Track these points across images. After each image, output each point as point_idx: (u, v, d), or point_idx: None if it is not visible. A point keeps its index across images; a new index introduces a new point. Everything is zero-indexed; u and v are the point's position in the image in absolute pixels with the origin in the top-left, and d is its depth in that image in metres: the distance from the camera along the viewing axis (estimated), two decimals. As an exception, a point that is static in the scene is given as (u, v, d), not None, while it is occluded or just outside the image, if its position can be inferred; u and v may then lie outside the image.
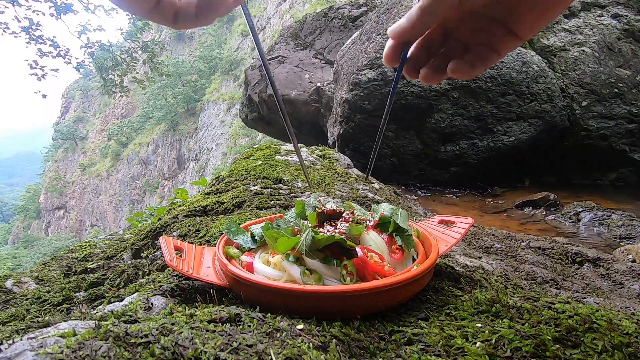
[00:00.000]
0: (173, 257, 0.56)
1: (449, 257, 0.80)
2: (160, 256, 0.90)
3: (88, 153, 47.02)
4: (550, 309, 0.47)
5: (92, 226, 40.22)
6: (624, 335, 0.41)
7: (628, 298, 0.84)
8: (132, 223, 2.06)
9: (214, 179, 1.75)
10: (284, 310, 0.46)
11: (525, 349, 0.39)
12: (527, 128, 2.75)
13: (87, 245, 1.43)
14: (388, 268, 0.52)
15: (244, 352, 0.35)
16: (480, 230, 1.29)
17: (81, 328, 0.38)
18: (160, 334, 0.36)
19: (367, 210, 0.69)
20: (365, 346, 0.42)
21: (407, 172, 3.04)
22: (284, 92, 5.13)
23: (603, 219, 1.81)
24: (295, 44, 5.80)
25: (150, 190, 35.79)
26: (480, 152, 2.81)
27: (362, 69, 3.09)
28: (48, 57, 9.11)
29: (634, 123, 2.62)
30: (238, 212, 1.08)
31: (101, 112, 48.26)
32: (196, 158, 32.01)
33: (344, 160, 2.18)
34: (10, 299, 0.79)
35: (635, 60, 2.75)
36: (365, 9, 5.30)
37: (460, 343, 0.41)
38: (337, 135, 3.39)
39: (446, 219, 0.72)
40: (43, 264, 1.19)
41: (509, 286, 0.62)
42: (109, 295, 0.69)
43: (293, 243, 0.52)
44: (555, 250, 1.12)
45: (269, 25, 27.57)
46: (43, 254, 25.83)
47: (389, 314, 0.48)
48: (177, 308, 0.45)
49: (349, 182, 1.64)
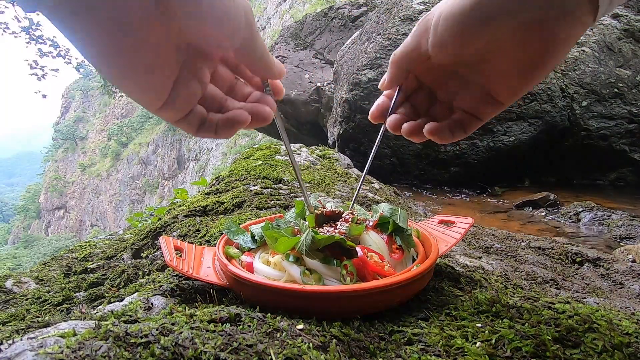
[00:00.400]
0: (173, 257, 0.56)
1: (449, 257, 0.80)
2: (160, 256, 0.90)
3: (88, 153, 47.05)
4: (550, 309, 0.47)
5: (92, 226, 40.23)
6: (624, 335, 0.41)
7: (628, 298, 0.84)
8: (132, 223, 2.06)
9: (214, 179, 1.75)
10: (284, 310, 0.46)
11: (525, 349, 0.39)
12: (527, 128, 2.74)
13: (87, 245, 1.43)
14: (388, 268, 0.52)
15: (244, 352, 0.35)
16: (480, 230, 1.29)
17: (81, 328, 0.38)
18: (160, 334, 0.36)
19: (367, 210, 0.69)
20: (365, 346, 0.42)
21: (407, 172, 3.04)
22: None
23: (603, 219, 1.81)
24: (295, 44, 5.80)
25: (150, 190, 35.80)
26: (480, 152, 2.81)
27: (362, 69, 3.09)
28: (48, 57, 9.11)
29: (634, 123, 2.61)
30: (238, 212, 1.08)
31: (101, 112, 48.29)
32: (196, 158, 32.01)
33: (343, 160, 2.18)
34: (10, 299, 0.79)
35: (635, 60, 2.75)
36: (365, 9, 5.30)
37: (460, 343, 0.41)
38: (337, 135, 3.39)
39: (446, 219, 0.72)
40: (43, 264, 1.19)
41: (509, 286, 0.62)
42: (109, 295, 0.69)
43: (293, 243, 0.52)
44: (555, 250, 1.12)
45: (269, 25, 27.56)
46: (43, 254, 25.84)
47: (389, 314, 0.48)
48: (177, 308, 0.45)
49: (349, 182, 1.64)
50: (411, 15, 3.04)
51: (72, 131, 49.45)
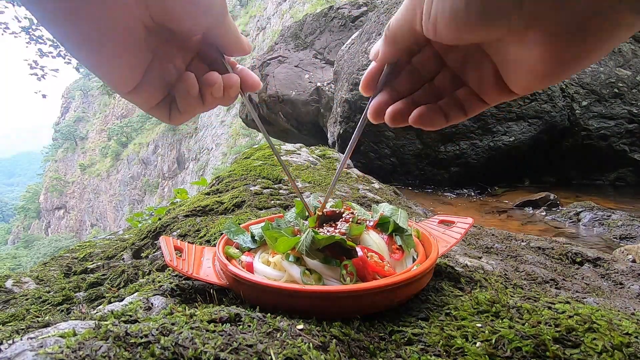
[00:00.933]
0: (173, 257, 0.56)
1: (449, 257, 0.80)
2: (160, 256, 0.90)
3: (88, 153, 47.06)
4: (550, 309, 0.47)
5: (92, 226, 40.24)
6: (624, 335, 0.41)
7: (628, 298, 0.84)
8: (132, 223, 2.06)
9: (214, 179, 1.75)
10: (284, 310, 0.46)
11: (525, 349, 0.39)
12: (527, 128, 2.75)
13: (87, 245, 1.43)
14: (388, 268, 0.52)
15: (244, 352, 0.35)
16: (480, 230, 1.29)
17: (81, 328, 0.38)
18: (160, 334, 0.36)
19: (367, 211, 0.69)
20: (365, 346, 0.42)
21: (407, 172, 3.04)
22: (284, 92, 5.13)
23: (603, 219, 1.81)
24: (295, 44, 5.80)
25: (150, 190, 35.80)
26: (480, 152, 2.81)
27: (362, 69, 3.09)
28: (48, 57, 9.12)
29: (634, 123, 2.61)
30: (238, 212, 1.08)
31: (101, 112, 48.30)
32: (196, 158, 32.00)
33: (344, 160, 2.18)
34: (10, 299, 0.79)
35: (635, 60, 2.75)
36: (365, 9, 5.30)
37: (460, 343, 0.41)
38: (337, 135, 3.39)
39: (446, 219, 0.72)
40: (43, 264, 1.19)
41: (509, 286, 0.62)
42: (109, 295, 0.69)
43: (293, 243, 0.52)
44: (555, 250, 1.12)
45: (269, 25, 27.56)
46: (43, 254, 25.84)
47: (389, 314, 0.48)
48: (177, 308, 0.45)
49: (349, 182, 1.64)
50: (411, 15, 3.04)
51: (72, 131, 49.46)
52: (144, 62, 0.40)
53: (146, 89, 0.42)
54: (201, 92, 0.45)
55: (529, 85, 0.36)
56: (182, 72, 0.44)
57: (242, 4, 34.05)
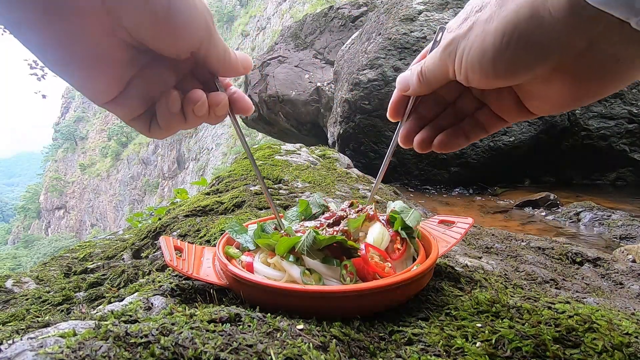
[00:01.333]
0: (173, 257, 0.56)
1: (449, 257, 0.80)
2: (160, 256, 0.90)
3: (88, 153, 47.07)
4: (550, 309, 0.47)
5: (92, 226, 40.25)
6: (624, 335, 0.41)
7: (628, 298, 0.84)
8: (132, 223, 2.06)
9: (214, 179, 1.75)
10: (284, 310, 0.46)
11: (525, 349, 0.39)
12: (527, 128, 2.75)
13: (87, 245, 1.43)
14: (388, 270, 0.52)
15: (244, 352, 0.35)
16: (480, 230, 1.29)
17: (81, 328, 0.38)
18: (160, 334, 0.36)
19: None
20: (365, 346, 0.42)
21: (407, 172, 3.04)
22: (284, 92, 5.13)
23: (603, 219, 1.81)
24: (295, 44, 5.81)
25: (150, 190, 35.81)
26: (480, 152, 2.81)
27: (362, 69, 3.09)
28: (48, 57, 9.11)
29: (634, 123, 2.61)
30: (238, 212, 1.08)
31: (101, 112, 48.27)
32: (196, 158, 32.02)
33: (344, 160, 2.18)
34: (10, 299, 0.79)
35: (635, 60, 2.74)
36: (365, 9, 5.30)
37: (460, 343, 0.41)
38: (337, 135, 3.39)
39: (446, 219, 0.72)
40: (43, 264, 1.19)
41: (509, 286, 0.62)
42: (109, 295, 0.69)
43: (293, 243, 0.52)
44: (555, 250, 1.12)
45: (269, 25, 27.57)
46: (43, 254, 25.85)
47: (389, 314, 0.48)
48: (177, 308, 0.45)
49: (349, 182, 1.64)
50: (411, 15, 3.04)
51: (72, 131, 49.47)
52: (124, 75, 0.40)
53: (126, 102, 0.42)
54: (184, 109, 0.44)
55: (550, 111, 0.41)
56: (169, 89, 0.43)
57: (242, 4, 34.05)
